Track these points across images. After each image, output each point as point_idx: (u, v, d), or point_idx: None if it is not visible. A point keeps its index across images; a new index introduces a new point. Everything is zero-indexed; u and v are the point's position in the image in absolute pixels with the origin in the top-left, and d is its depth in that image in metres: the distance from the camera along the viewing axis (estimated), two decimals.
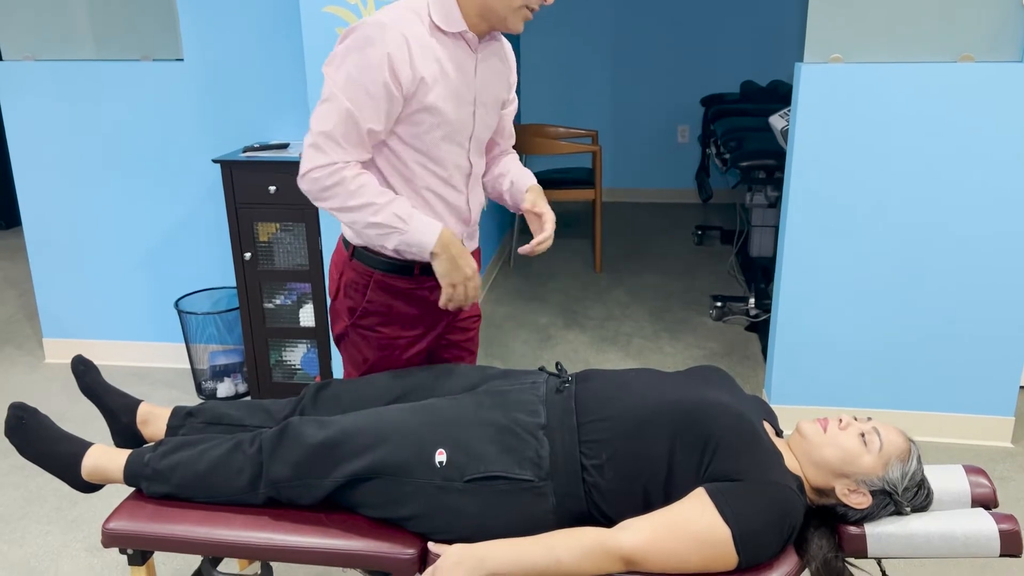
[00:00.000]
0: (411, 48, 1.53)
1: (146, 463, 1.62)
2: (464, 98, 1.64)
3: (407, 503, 1.50)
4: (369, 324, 1.78)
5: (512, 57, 1.80)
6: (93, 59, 3.18)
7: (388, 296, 1.75)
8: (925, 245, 2.65)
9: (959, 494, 1.58)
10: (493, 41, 1.69)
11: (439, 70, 1.58)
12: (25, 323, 3.93)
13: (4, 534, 2.41)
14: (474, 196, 1.78)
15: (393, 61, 1.51)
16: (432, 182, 1.68)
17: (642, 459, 1.47)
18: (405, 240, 1.63)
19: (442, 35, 1.59)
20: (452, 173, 1.69)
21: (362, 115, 1.54)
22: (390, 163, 1.66)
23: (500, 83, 1.74)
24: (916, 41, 2.53)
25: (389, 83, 1.52)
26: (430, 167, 1.66)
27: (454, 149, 1.67)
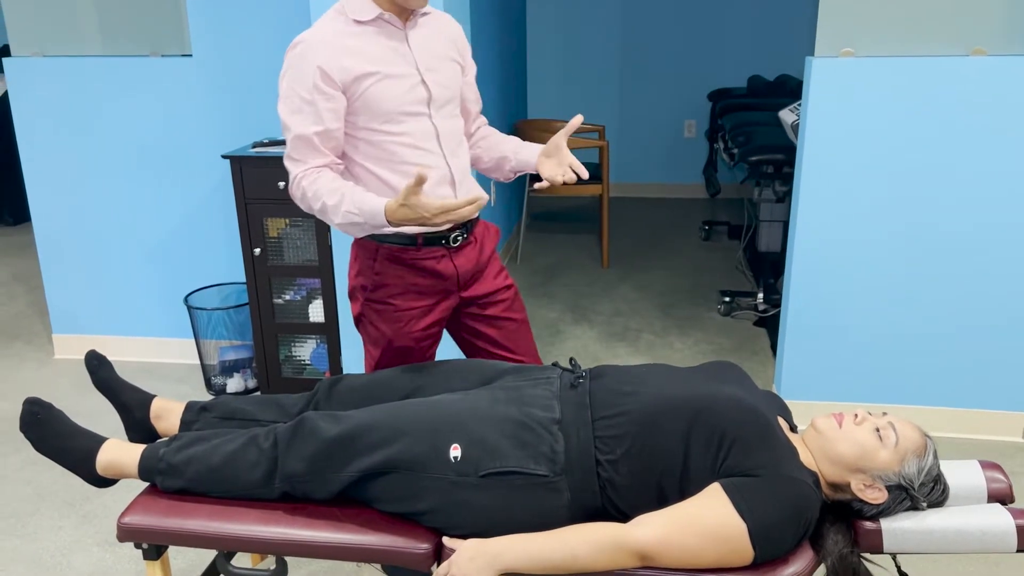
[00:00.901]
0: (336, 50, 1.69)
1: (160, 458, 1.62)
2: (405, 71, 1.74)
3: (422, 498, 1.50)
4: (381, 297, 1.85)
5: (452, 25, 1.89)
6: (102, 55, 3.18)
7: (396, 268, 1.83)
8: (937, 239, 2.64)
9: (975, 489, 1.58)
10: (423, 15, 1.80)
11: (370, 58, 1.71)
12: (35, 319, 3.94)
13: (16, 529, 2.41)
14: (453, 157, 1.84)
15: (324, 68, 1.67)
16: (407, 154, 1.77)
17: (657, 454, 1.46)
18: (371, 227, 1.69)
19: (364, 26, 1.72)
20: (421, 140, 1.78)
21: (305, 125, 1.69)
22: (367, 154, 1.77)
23: (439, 46, 1.82)
24: (928, 35, 2.52)
25: (322, 86, 1.68)
26: (401, 141, 1.76)
27: (416, 119, 1.77)
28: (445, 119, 1.82)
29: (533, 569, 1.40)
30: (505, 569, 1.39)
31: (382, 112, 1.73)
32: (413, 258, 1.82)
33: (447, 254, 1.84)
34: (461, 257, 1.87)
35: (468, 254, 1.88)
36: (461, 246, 1.86)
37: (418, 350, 1.90)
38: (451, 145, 1.83)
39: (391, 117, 1.74)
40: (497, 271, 1.97)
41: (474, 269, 1.90)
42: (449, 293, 1.88)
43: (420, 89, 1.76)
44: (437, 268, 1.83)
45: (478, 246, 1.91)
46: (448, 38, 1.85)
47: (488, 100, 4.13)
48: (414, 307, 1.86)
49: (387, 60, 1.72)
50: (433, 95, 1.78)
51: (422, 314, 1.86)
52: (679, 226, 5.39)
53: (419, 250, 1.81)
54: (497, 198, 4.44)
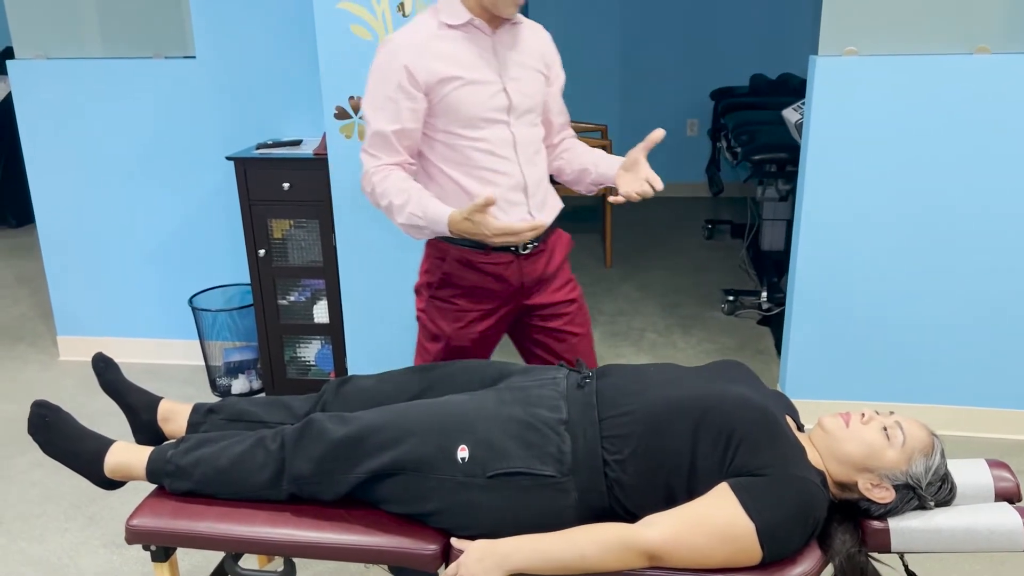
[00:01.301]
0: (423, 53, 1.74)
1: (168, 460, 1.63)
2: (488, 78, 1.78)
3: (429, 499, 1.50)
4: (445, 296, 1.92)
5: (541, 35, 1.93)
6: (105, 57, 3.18)
7: (464, 269, 1.89)
8: (942, 237, 2.64)
9: (982, 488, 1.57)
10: (512, 25, 1.83)
11: (456, 62, 1.75)
12: (39, 321, 3.95)
13: (24, 532, 2.42)
14: (529, 165, 1.86)
15: (410, 69, 1.73)
16: (483, 159, 1.81)
17: (664, 454, 1.46)
18: (431, 232, 1.77)
19: (453, 30, 1.77)
20: (497, 146, 1.81)
21: (385, 122, 1.76)
22: (444, 156, 1.82)
23: (525, 54, 1.85)
24: (931, 33, 2.51)
25: (406, 86, 1.73)
26: (478, 146, 1.80)
27: (495, 126, 1.80)
28: (524, 127, 1.85)
29: (542, 570, 1.40)
30: (514, 570, 1.39)
31: (462, 117, 1.77)
32: (481, 262, 1.86)
33: (515, 260, 1.88)
34: (529, 265, 1.90)
35: (537, 262, 1.92)
36: (531, 254, 1.89)
37: (474, 351, 1.95)
38: (528, 153, 1.86)
39: (470, 122, 1.78)
40: (564, 282, 1.99)
41: (540, 278, 1.93)
42: (512, 299, 1.92)
43: (501, 97, 1.79)
44: (503, 274, 1.87)
45: (548, 255, 1.94)
46: (535, 48, 1.88)
47: None
48: (476, 309, 1.90)
49: (472, 66, 1.76)
50: (513, 103, 1.81)
51: (483, 317, 1.91)
52: (682, 225, 5.39)
53: (488, 254, 1.85)
54: None
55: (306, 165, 2.80)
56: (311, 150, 2.85)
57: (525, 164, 1.86)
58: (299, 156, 2.82)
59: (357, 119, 2.54)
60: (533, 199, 1.88)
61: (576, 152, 2.02)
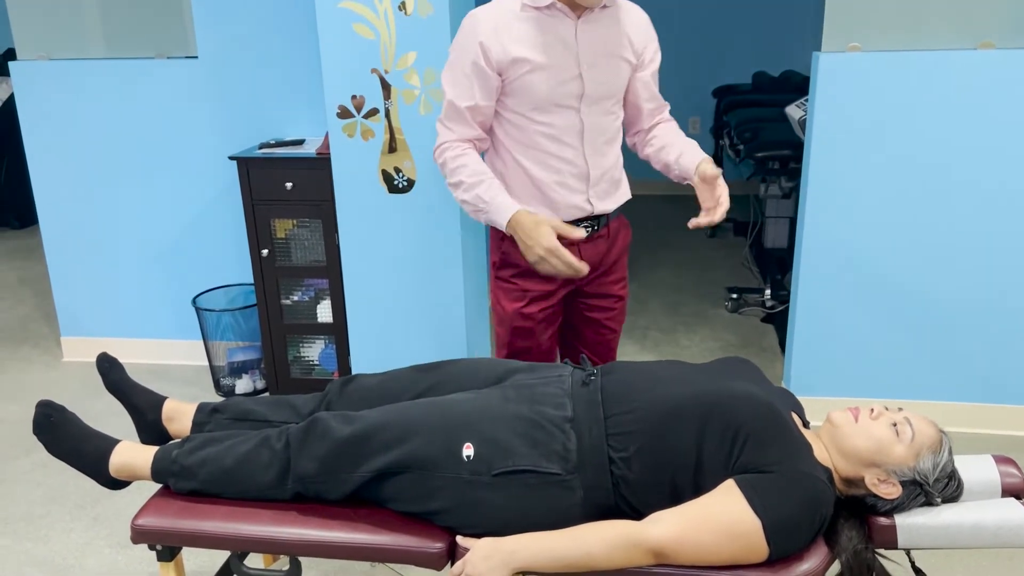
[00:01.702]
0: (500, 32, 1.75)
1: (174, 459, 1.62)
2: (564, 63, 1.78)
3: (435, 497, 1.50)
4: (505, 276, 1.96)
5: (635, 18, 1.91)
6: (107, 57, 3.18)
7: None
8: (947, 234, 2.64)
9: (989, 484, 1.57)
10: (603, 9, 1.81)
11: (532, 44, 1.76)
12: (42, 322, 3.95)
13: (29, 532, 2.42)
14: (595, 155, 1.88)
15: (484, 47, 1.74)
16: (547, 144, 1.83)
17: (670, 451, 1.46)
18: (488, 218, 1.82)
19: (535, 12, 1.76)
20: (563, 133, 1.83)
21: (459, 97, 1.79)
22: (510, 135, 1.85)
23: (610, 42, 1.83)
24: (935, 28, 2.51)
25: (481, 64, 1.75)
26: (543, 131, 1.82)
27: (563, 111, 1.81)
28: (596, 115, 1.85)
29: (548, 567, 1.40)
30: (520, 568, 1.39)
31: (531, 100, 1.79)
32: None
33: (574, 244, 1.87)
34: (589, 249, 1.93)
35: (597, 247, 1.95)
36: (591, 238, 1.92)
37: (537, 333, 1.97)
38: (596, 142, 1.87)
39: (539, 105, 1.80)
40: (619, 278, 2.02)
41: (598, 263, 1.96)
42: (569, 281, 1.95)
43: (575, 84, 1.80)
44: None
45: (609, 241, 1.97)
46: (624, 33, 1.86)
47: None
48: (534, 289, 1.93)
49: (548, 50, 1.76)
50: (587, 91, 1.81)
51: (542, 297, 1.94)
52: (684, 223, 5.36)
53: None
54: None
55: (309, 164, 2.80)
56: (314, 149, 2.85)
57: (591, 153, 1.87)
58: (302, 156, 2.82)
59: (359, 118, 2.53)
60: (595, 188, 1.90)
61: (661, 143, 1.99)
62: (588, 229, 1.91)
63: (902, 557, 1.57)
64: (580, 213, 1.90)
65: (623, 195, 1.99)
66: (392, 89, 2.50)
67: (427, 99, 2.49)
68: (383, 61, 2.48)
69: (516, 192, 1.87)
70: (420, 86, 2.48)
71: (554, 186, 1.86)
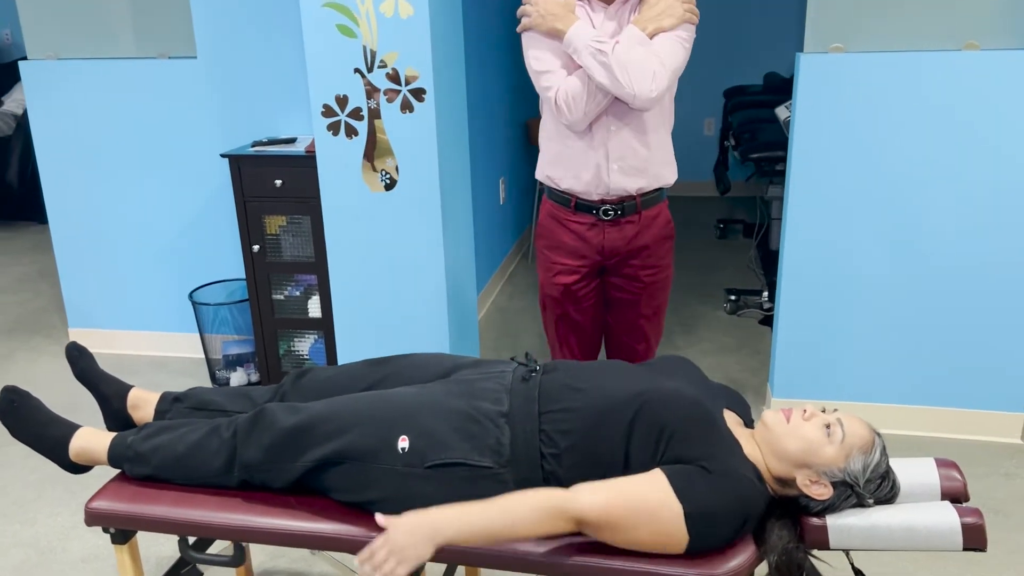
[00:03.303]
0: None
1: (128, 445, 1.68)
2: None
3: (372, 488, 1.53)
4: (540, 246, 2.22)
5: None
6: (112, 57, 3.27)
7: (552, 222, 2.17)
8: (930, 236, 2.61)
9: (928, 487, 1.56)
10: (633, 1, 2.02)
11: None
12: (54, 314, 4.07)
13: (18, 515, 2.51)
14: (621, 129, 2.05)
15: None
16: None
17: (600, 449, 1.48)
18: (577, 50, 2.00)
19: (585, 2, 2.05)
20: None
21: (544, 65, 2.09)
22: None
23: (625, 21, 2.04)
24: (919, 29, 2.48)
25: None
26: None
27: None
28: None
29: (474, 540, 1.40)
30: (446, 542, 1.39)
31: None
32: (567, 219, 2.13)
33: (598, 224, 2.10)
34: (615, 231, 2.10)
35: (622, 231, 2.10)
36: (616, 220, 2.09)
37: (563, 300, 2.19)
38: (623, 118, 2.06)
39: None
40: (647, 264, 2.16)
41: (624, 246, 2.11)
42: (593, 260, 2.14)
43: None
44: (586, 235, 2.12)
45: (636, 228, 2.10)
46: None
47: (498, 97, 4.16)
48: (560, 263, 2.16)
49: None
50: None
51: (567, 272, 2.15)
52: (695, 224, 5.35)
53: (572, 213, 2.12)
54: (507, 196, 4.47)
55: (297, 162, 2.85)
56: (303, 148, 2.91)
57: (615, 129, 2.03)
58: (290, 153, 2.88)
59: (343, 117, 2.58)
60: (616, 163, 2.05)
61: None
62: (613, 212, 2.09)
63: (838, 559, 1.57)
64: (599, 186, 2.08)
65: (653, 182, 2.11)
66: (375, 89, 2.54)
67: (408, 98, 2.53)
68: (366, 61, 2.52)
69: (548, 156, 2.14)
70: (402, 86, 2.52)
71: (577, 154, 2.07)
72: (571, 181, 2.11)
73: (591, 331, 2.29)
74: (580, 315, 2.24)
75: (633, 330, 2.27)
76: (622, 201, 2.09)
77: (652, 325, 2.28)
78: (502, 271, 4.40)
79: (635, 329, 2.26)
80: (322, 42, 2.53)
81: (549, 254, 2.18)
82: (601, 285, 2.23)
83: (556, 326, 2.28)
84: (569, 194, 2.12)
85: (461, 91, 2.79)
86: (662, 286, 2.24)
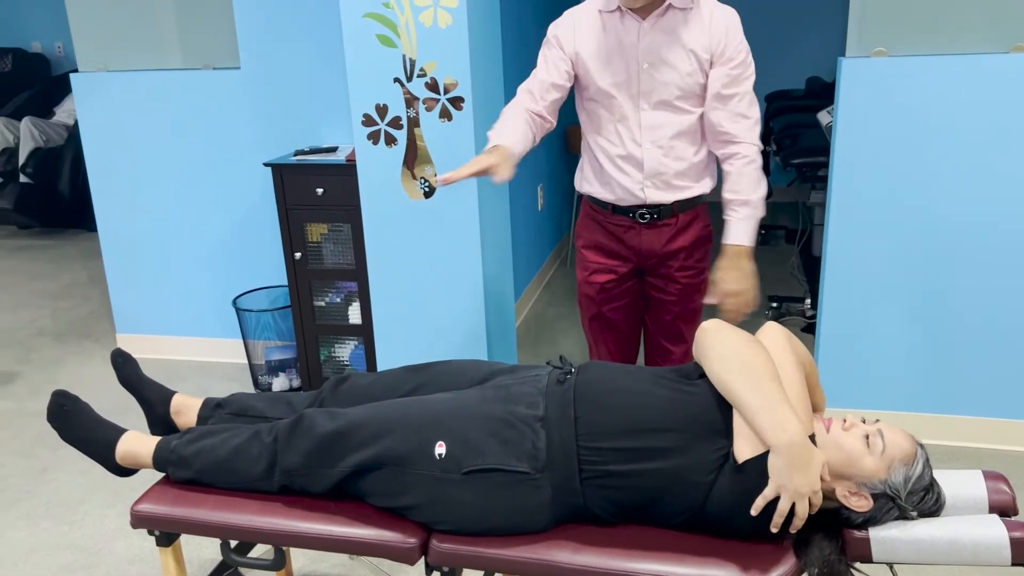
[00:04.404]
0: (576, 29, 2.02)
1: (172, 449, 1.72)
2: (624, 60, 1.98)
3: (408, 493, 1.55)
4: (579, 245, 2.25)
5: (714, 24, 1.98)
6: (159, 68, 3.35)
7: (591, 222, 2.19)
8: (976, 245, 2.55)
9: (975, 500, 1.53)
10: (670, 12, 1.96)
11: (599, 42, 1.99)
12: (104, 319, 4.17)
13: (66, 516, 2.57)
14: (653, 147, 2.03)
15: (559, 38, 2.04)
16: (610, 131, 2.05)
17: (641, 455, 1.47)
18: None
19: (607, 15, 1.99)
20: (623, 123, 2.03)
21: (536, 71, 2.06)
22: (587, 119, 2.11)
23: (676, 43, 1.97)
24: (964, 31, 2.43)
25: (555, 47, 2.04)
26: (607, 119, 2.05)
27: (624, 104, 2.01)
28: (657, 111, 2.00)
29: None
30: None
31: (595, 91, 2.02)
32: (604, 219, 2.15)
33: (635, 226, 2.11)
34: (652, 234, 2.11)
35: (659, 234, 2.11)
36: (652, 223, 2.09)
37: (598, 300, 2.20)
38: (657, 137, 2.02)
39: (602, 96, 2.02)
40: (684, 267, 2.16)
41: (661, 250, 2.11)
42: (629, 261, 2.16)
43: (633, 81, 1.98)
44: (623, 236, 2.13)
45: (673, 231, 2.11)
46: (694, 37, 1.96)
47: None
48: (596, 262, 2.18)
49: (611, 49, 1.98)
50: (643, 88, 1.98)
51: (603, 271, 2.17)
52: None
53: (610, 215, 2.13)
54: (545, 203, 4.47)
55: (338, 171, 2.89)
56: (344, 157, 2.94)
57: (649, 146, 2.02)
58: (331, 162, 2.91)
59: (383, 126, 2.61)
60: (651, 179, 2.05)
61: (727, 194, 2.04)
62: (650, 216, 2.09)
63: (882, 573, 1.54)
64: (633, 199, 2.08)
65: (690, 192, 2.09)
66: (414, 97, 2.56)
67: (447, 107, 2.55)
68: (405, 70, 2.55)
69: (586, 169, 2.16)
70: (441, 94, 2.54)
71: (611, 169, 2.07)
72: (607, 194, 2.11)
73: (626, 331, 2.29)
74: (615, 314, 2.24)
75: (671, 332, 2.27)
76: (658, 207, 2.10)
77: (690, 328, 2.27)
78: (540, 278, 4.40)
79: (672, 331, 2.27)
80: (362, 52, 2.56)
81: (586, 253, 2.21)
82: (639, 286, 2.23)
83: (591, 325, 2.29)
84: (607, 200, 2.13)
85: (499, 98, 2.81)
86: (699, 288, 2.23)
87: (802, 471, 1.37)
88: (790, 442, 1.37)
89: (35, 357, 3.78)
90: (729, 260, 2.03)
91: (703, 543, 1.47)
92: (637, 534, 1.50)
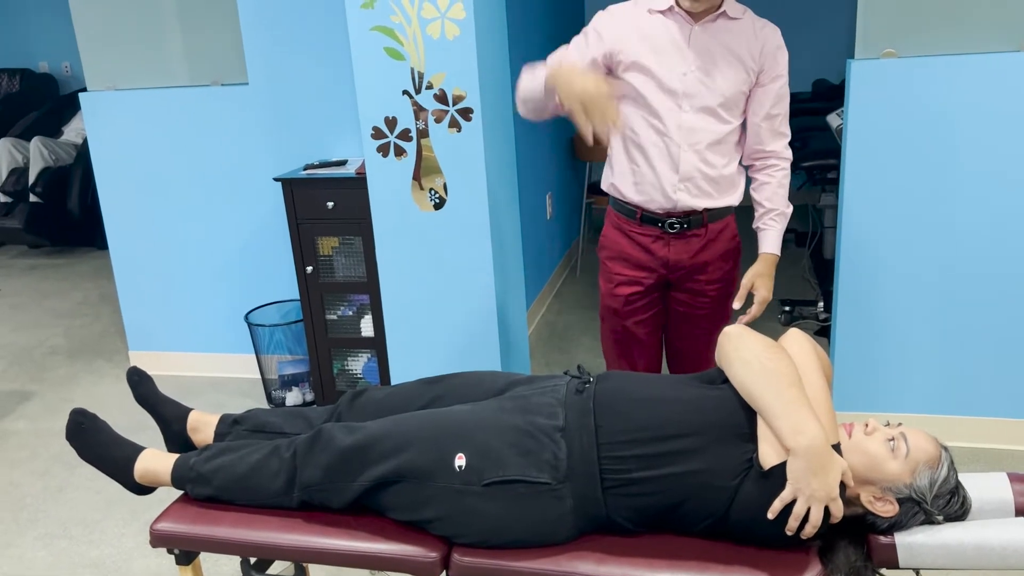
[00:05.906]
0: (616, 24, 1.99)
1: (191, 467, 1.71)
2: (671, 61, 1.96)
3: (429, 506, 1.54)
4: (603, 256, 2.20)
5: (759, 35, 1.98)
6: (168, 86, 3.36)
7: (616, 233, 2.15)
8: (989, 245, 2.53)
9: (1002, 503, 1.51)
10: (721, 19, 1.96)
11: (643, 38, 1.97)
12: (116, 337, 4.18)
13: (83, 535, 2.57)
14: (690, 152, 2.00)
15: (599, 31, 2.01)
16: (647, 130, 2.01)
17: (663, 461, 1.46)
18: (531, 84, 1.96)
19: (657, 15, 1.98)
20: (662, 123, 1.99)
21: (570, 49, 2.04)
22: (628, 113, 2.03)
23: (726, 50, 1.96)
24: (974, 31, 2.42)
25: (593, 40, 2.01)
26: (646, 117, 2.00)
27: (667, 101, 1.97)
28: (698, 116, 1.98)
29: None
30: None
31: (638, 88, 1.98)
32: (631, 230, 2.11)
33: (663, 236, 2.06)
34: (679, 244, 2.07)
35: (688, 245, 2.07)
36: (681, 233, 2.06)
37: (622, 313, 2.16)
38: (695, 141, 1.99)
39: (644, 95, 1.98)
40: (713, 279, 2.12)
41: (688, 262, 2.08)
42: (656, 272, 2.11)
43: (678, 82, 1.95)
44: (651, 247, 2.09)
45: (702, 242, 2.08)
46: (741, 46, 1.97)
47: None
48: (620, 273, 2.14)
49: (658, 48, 1.95)
50: (687, 90, 1.96)
51: (627, 283, 2.13)
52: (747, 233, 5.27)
53: (637, 225, 2.09)
54: (554, 212, 4.47)
55: (348, 184, 2.89)
56: (354, 170, 2.95)
57: (686, 149, 1.99)
58: (341, 176, 2.92)
59: (392, 138, 2.61)
60: (685, 183, 2.01)
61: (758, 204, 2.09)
62: (679, 225, 2.05)
63: None
64: (664, 202, 2.04)
65: (722, 200, 2.07)
66: (422, 109, 2.56)
67: (456, 118, 2.55)
68: (413, 82, 2.55)
69: (616, 168, 2.10)
70: (449, 105, 2.54)
71: (644, 167, 2.03)
72: (636, 196, 2.08)
73: (649, 344, 2.26)
74: (639, 328, 2.20)
75: (697, 343, 2.23)
76: (688, 215, 2.06)
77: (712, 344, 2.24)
78: (550, 286, 4.39)
79: (699, 342, 2.23)
80: (371, 65, 2.57)
81: (611, 265, 2.16)
82: (663, 299, 2.19)
83: (614, 338, 2.25)
84: (635, 206, 2.10)
85: (507, 108, 2.81)
86: (728, 300, 2.20)
87: (820, 476, 1.36)
88: (809, 445, 1.36)
89: (48, 376, 3.79)
90: (766, 267, 2.05)
91: (727, 551, 1.46)
92: (660, 544, 1.49)
